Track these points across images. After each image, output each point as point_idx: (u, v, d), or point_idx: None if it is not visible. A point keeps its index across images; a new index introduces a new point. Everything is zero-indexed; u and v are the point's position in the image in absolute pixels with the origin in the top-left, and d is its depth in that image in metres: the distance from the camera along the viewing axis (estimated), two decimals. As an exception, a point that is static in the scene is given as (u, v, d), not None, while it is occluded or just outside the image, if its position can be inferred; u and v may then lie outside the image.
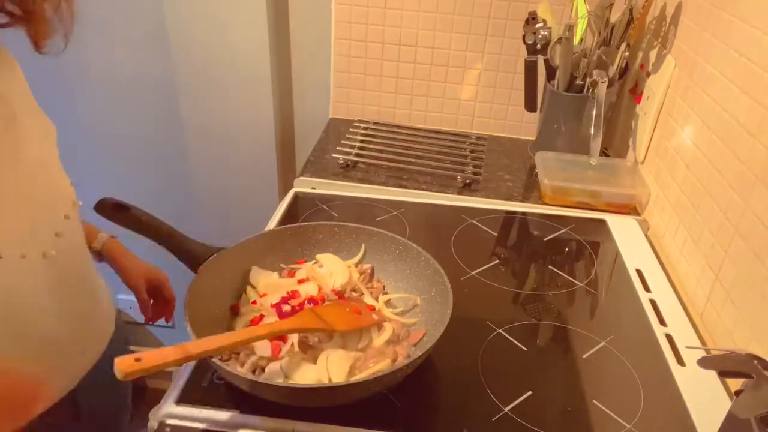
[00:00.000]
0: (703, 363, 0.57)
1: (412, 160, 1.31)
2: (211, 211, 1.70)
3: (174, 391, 0.71)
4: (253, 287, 0.82)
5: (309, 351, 0.71)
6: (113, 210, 0.78)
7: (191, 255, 0.78)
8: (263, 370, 0.69)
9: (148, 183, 1.75)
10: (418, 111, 1.54)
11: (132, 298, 0.96)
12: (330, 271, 0.84)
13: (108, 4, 1.48)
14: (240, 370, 0.68)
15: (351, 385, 0.64)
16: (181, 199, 1.71)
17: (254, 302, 0.79)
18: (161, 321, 1.03)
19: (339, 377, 0.68)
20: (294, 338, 0.72)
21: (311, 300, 0.79)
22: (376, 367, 0.69)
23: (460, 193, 1.21)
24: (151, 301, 1.00)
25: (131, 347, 2.02)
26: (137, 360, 0.54)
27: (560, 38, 1.23)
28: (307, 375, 0.68)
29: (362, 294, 0.83)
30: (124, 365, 0.54)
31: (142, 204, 0.82)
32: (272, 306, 0.78)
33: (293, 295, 0.80)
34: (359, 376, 0.69)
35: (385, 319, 0.78)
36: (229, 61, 1.50)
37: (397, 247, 0.85)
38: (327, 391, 0.64)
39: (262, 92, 1.53)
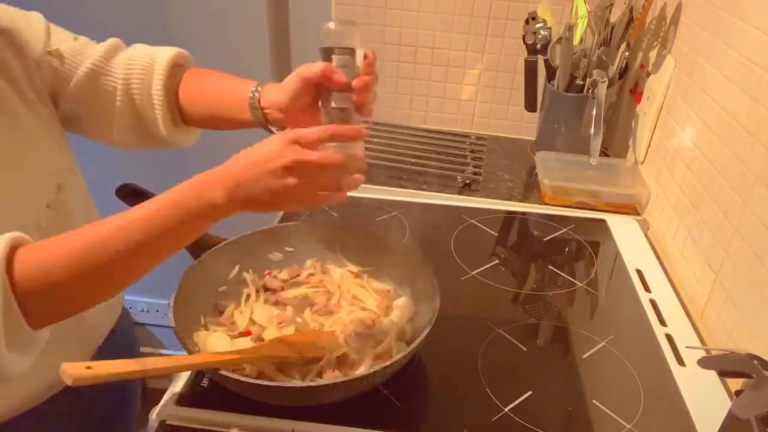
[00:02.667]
0: (703, 363, 0.58)
1: (412, 160, 1.31)
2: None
3: (174, 391, 0.71)
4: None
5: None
6: (132, 195, 0.81)
7: (196, 242, 0.79)
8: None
9: (147, 183, 1.75)
10: (418, 111, 1.54)
11: (134, 298, 0.96)
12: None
13: (109, 5, 1.48)
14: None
15: (334, 385, 0.64)
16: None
17: (248, 332, 0.77)
18: (162, 320, 1.02)
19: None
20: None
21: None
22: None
23: (460, 193, 1.21)
24: None
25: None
26: (88, 368, 0.53)
27: (560, 38, 1.23)
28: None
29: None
30: (73, 370, 0.52)
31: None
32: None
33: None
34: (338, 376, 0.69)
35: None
36: (230, 62, 1.50)
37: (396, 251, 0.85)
38: (305, 391, 0.64)
39: (262, 92, 1.53)
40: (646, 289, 0.95)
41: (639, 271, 0.99)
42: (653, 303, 0.91)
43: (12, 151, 0.65)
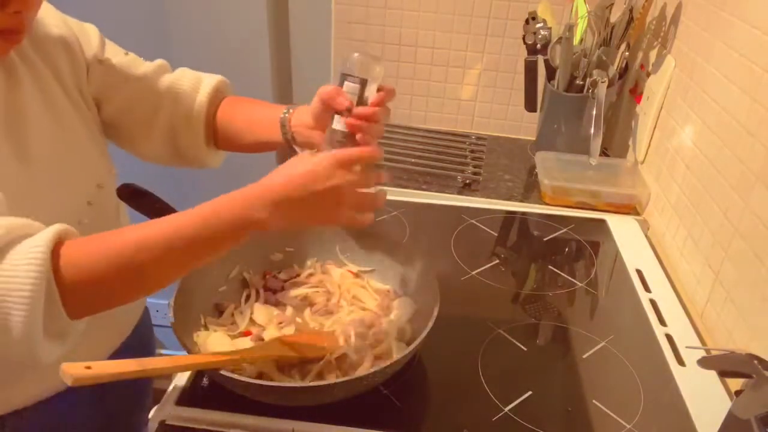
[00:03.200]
0: (703, 363, 0.58)
1: (412, 160, 1.31)
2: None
3: (174, 391, 0.71)
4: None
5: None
6: (132, 195, 0.82)
7: None
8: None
9: (148, 184, 1.75)
10: (418, 111, 1.54)
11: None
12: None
13: (108, 4, 1.48)
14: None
15: (334, 385, 0.64)
16: (181, 200, 1.71)
17: (248, 332, 0.77)
18: (162, 320, 1.03)
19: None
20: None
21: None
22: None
23: (460, 193, 1.21)
24: None
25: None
26: (88, 368, 0.53)
27: (560, 38, 1.23)
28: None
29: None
30: (73, 370, 0.53)
31: (142, 204, 0.83)
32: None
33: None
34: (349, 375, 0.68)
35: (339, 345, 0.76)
36: (230, 62, 1.50)
37: (399, 252, 0.85)
38: (305, 391, 0.64)
39: (262, 93, 1.53)
40: (646, 289, 0.95)
41: (639, 271, 0.99)
42: (653, 303, 0.91)
43: (60, 148, 0.69)
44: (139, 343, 0.88)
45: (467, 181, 1.24)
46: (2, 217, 0.54)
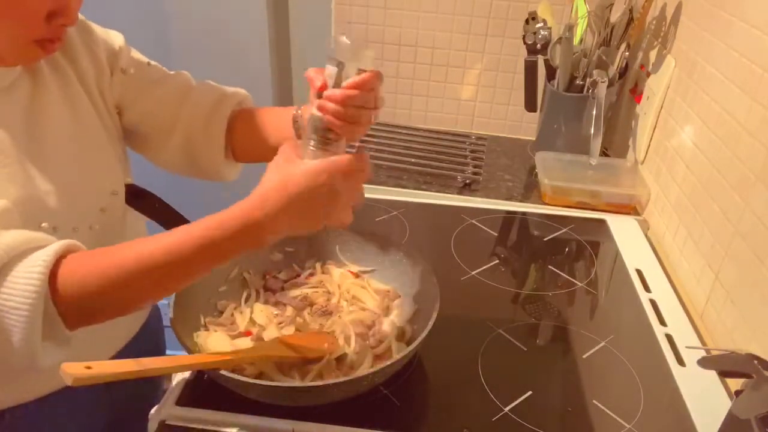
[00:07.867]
0: (703, 363, 0.58)
1: (412, 160, 1.31)
2: (211, 211, 1.70)
3: (174, 391, 0.71)
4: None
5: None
6: (133, 196, 0.82)
7: None
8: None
9: (147, 185, 1.75)
10: (418, 111, 1.54)
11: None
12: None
13: (108, 4, 1.48)
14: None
15: (334, 385, 0.64)
16: (181, 200, 1.71)
17: (248, 332, 0.77)
18: (164, 320, 1.03)
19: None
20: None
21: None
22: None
23: (460, 193, 1.21)
24: None
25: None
26: (88, 368, 0.54)
27: (560, 38, 1.23)
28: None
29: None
30: (72, 370, 0.53)
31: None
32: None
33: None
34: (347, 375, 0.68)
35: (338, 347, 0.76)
36: (230, 62, 1.50)
37: (398, 253, 0.85)
38: (305, 391, 0.65)
39: (262, 93, 1.53)
40: (646, 289, 0.95)
41: (639, 271, 0.99)
42: (653, 303, 0.91)
43: (79, 153, 0.71)
44: (148, 343, 0.88)
45: (467, 181, 1.24)
46: (4, 233, 0.55)
